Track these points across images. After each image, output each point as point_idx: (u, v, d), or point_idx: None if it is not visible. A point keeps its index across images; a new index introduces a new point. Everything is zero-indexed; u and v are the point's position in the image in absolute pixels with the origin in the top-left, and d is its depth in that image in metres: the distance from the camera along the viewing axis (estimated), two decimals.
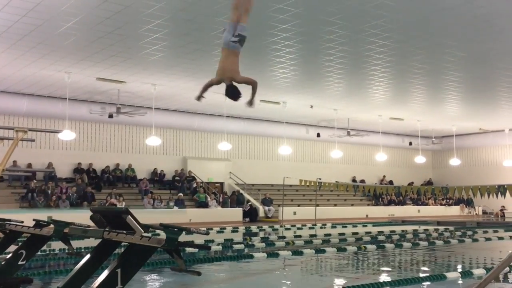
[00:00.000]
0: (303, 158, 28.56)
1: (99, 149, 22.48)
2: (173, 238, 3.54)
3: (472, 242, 13.53)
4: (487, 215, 29.37)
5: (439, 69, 16.07)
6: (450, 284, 7.06)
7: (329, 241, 13.28)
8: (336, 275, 7.59)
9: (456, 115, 24.20)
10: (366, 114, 23.62)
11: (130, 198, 21.21)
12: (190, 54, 14.44)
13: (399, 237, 14.75)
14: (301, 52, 14.24)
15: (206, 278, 7.24)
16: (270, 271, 8.57)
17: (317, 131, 26.68)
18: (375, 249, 11.43)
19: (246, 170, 25.95)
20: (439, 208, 29.73)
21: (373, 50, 13.99)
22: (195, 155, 25.05)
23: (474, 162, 31.90)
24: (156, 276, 7.88)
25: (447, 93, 19.47)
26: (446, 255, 11.37)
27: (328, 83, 17.90)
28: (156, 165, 23.75)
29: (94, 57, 14.71)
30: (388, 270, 8.71)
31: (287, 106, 21.47)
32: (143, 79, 17.33)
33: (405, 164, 32.50)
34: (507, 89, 18.70)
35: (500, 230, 17.12)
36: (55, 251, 10.14)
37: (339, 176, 27.67)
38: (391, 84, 18.08)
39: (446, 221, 22.15)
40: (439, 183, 30.60)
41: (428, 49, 14.10)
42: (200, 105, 21.92)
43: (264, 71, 16.29)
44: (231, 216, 21.81)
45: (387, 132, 28.55)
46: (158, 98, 19.75)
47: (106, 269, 3.63)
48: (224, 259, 9.52)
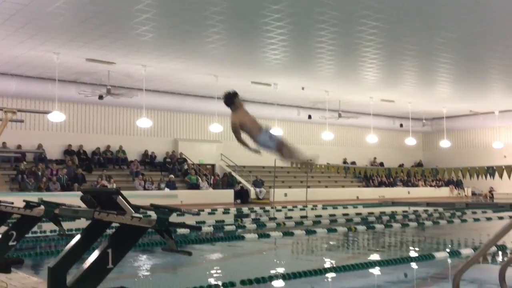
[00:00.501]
0: (294, 140, 28.50)
1: (89, 130, 22.36)
2: (164, 218, 3.54)
3: (461, 222, 13.69)
4: (476, 197, 29.67)
5: (431, 50, 16.06)
6: (438, 263, 7.16)
7: (319, 222, 13.37)
8: (327, 256, 7.67)
9: (447, 97, 24.28)
10: (357, 96, 23.62)
11: (121, 180, 21.18)
12: (180, 35, 14.30)
13: (389, 218, 14.89)
14: (293, 33, 14.16)
15: (197, 259, 7.28)
16: (261, 251, 8.63)
17: (308, 113, 26.67)
18: (365, 230, 11.54)
19: (237, 152, 25.85)
20: (428, 189, 29.98)
21: (364, 32, 13.93)
22: (186, 137, 25.00)
23: (464, 144, 32.11)
24: (147, 256, 7.91)
25: (438, 74, 19.49)
26: (435, 235, 11.50)
27: (320, 65, 17.85)
28: (147, 147, 23.69)
29: (83, 38, 14.54)
30: (378, 250, 8.80)
31: (278, 88, 21.42)
32: (133, 60, 17.18)
33: (395, 146, 32.65)
34: (498, 71, 18.75)
35: (488, 211, 17.32)
36: (46, 233, 10.14)
37: (330, 158, 27.73)
38: (383, 65, 18.06)
39: (436, 202, 22.35)
40: (429, 165, 30.80)
41: (420, 31, 14.07)
42: (191, 87, 21.84)
43: (255, 52, 16.20)
44: (223, 198, 21.88)
45: (378, 114, 28.60)
46: (149, 80, 19.61)
47: (97, 249, 3.63)
48: (215, 240, 9.56)
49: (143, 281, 6.04)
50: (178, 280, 6.07)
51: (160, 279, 6.20)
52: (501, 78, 20.13)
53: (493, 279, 5.10)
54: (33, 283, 5.15)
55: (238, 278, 5.89)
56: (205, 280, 6.00)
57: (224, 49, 15.78)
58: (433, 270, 6.83)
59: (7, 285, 4.91)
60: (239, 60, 17.30)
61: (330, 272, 6.29)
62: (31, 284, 5.11)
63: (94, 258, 3.55)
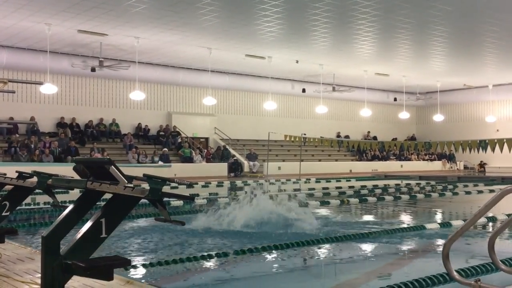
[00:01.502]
0: (288, 114, 28.58)
1: (82, 103, 22.22)
2: (157, 188, 3.54)
3: (453, 195, 13.84)
4: (468, 170, 29.91)
5: (425, 23, 15.95)
6: (429, 234, 7.25)
7: (313, 195, 13.46)
8: (319, 227, 7.73)
9: (441, 71, 24.23)
10: (352, 69, 23.54)
11: (114, 153, 21.15)
12: (173, 6, 14.11)
13: (381, 191, 15.01)
14: (287, 5, 14.00)
15: (190, 229, 7.33)
16: (253, 223, 8.69)
17: (302, 86, 26.58)
18: (358, 203, 11.64)
19: (231, 126, 25.94)
20: (421, 163, 30.18)
21: (359, 4, 13.80)
22: (179, 110, 24.91)
23: (457, 118, 32.21)
24: (140, 226, 7.96)
25: (432, 48, 19.41)
26: (427, 208, 11.62)
27: (314, 38, 17.71)
28: (141, 120, 23.61)
29: (75, 8, 14.31)
30: (370, 222, 8.89)
31: (273, 61, 21.28)
32: (125, 32, 16.98)
33: (389, 120, 32.72)
34: (492, 44, 18.69)
35: (480, 184, 17.49)
36: (39, 204, 10.16)
37: (324, 131, 27.79)
38: (377, 39, 17.95)
39: (428, 176, 22.53)
40: (422, 139, 30.93)
41: (414, 3, 13.94)
42: (185, 60, 21.67)
43: (249, 24, 16.04)
44: (216, 171, 21.94)
45: (372, 88, 28.57)
46: (142, 52, 19.42)
47: (90, 219, 3.64)
48: (209, 211, 9.61)
49: (137, 250, 6.09)
50: (172, 250, 6.12)
51: (154, 249, 6.25)
52: (496, 52, 20.08)
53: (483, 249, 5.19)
54: (27, 253, 5.19)
55: (232, 249, 5.95)
56: (199, 250, 6.05)
57: (218, 21, 15.61)
58: (425, 241, 6.92)
59: (1, 255, 4.94)
60: (232, 33, 17.13)
61: (322, 243, 6.35)
62: (25, 254, 5.14)
63: (87, 227, 3.56)
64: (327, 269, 5.34)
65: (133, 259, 5.37)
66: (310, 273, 4.99)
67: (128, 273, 4.60)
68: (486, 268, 4.61)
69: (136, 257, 5.64)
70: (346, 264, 5.50)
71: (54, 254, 3.43)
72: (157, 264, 5.09)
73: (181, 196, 4.06)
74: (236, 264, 5.41)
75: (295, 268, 5.43)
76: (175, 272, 4.96)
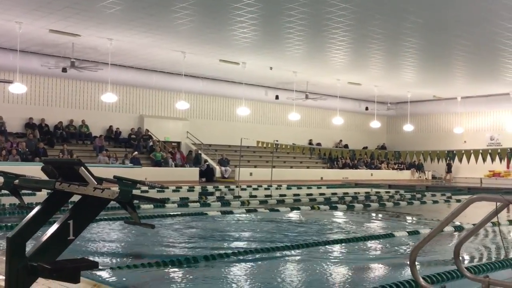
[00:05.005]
0: (261, 120, 28.67)
1: (52, 104, 21.83)
2: (127, 190, 3.50)
3: (421, 204, 14.07)
4: (436, 180, 30.47)
5: (397, 35, 16.24)
6: (398, 242, 7.35)
7: (283, 202, 13.51)
8: (288, 233, 7.77)
9: (411, 82, 24.68)
10: (325, 78, 23.77)
11: (84, 156, 20.82)
12: (148, 8, 14.02)
13: (351, 199, 15.15)
14: (262, 11, 14.06)
15: (159, 232, 7.27)
16: (224, 227, 8.68)
17: (276, 93, 26.71)
18: (328, 209, 11.72)
19: (203, 130, 25.87)
20: (391, 172, 30.61)
21: (333, 13, 13.96)
22: (152, 114, 24.73)
23: (427, 128, 32.81)
24: (109, 229, 7.85)
25: (404, 59, 19.76)
26: (396, 216, 11.78)
27: (288, 45, 17.83)
28: (112, 122, 23.34)
29: (47, 7, 14.09)
30: (339, 229, 8.96)
31: (247, 67, 21.34)
32: (99, 33, 16.78)
33: (360, 129, 33.12)
34: (462, 57, 19.14)
35: (447, 194, 17.83)
36: (5, 206, 9.92)
37: (296, 138, 27.95)
38: (350, 48, 18.18)
39: (397, 185, 22.86)
40: (392, 148, 31.41)
41: (387, 15, 14.18)
42: (158, 63, 21.55)
43: (224, 30, 16.06)
44: (188, 176, 21.82)
45: (345, 97, 28.89)
46: (115, 54, 19.22)
47: (58, 221, 3.57)
48: (178, 216, 9.56)
49: (105, 253, 6.00)
50: (141, 254, 6.06)
51: (122, 252, 6.17)
52: (465, 65, 20.57)
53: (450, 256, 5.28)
54: None
55: (201, 254, 5.92)
56: (168, 255, 6.00)
57: (193, 26, 15.58)
58: (393, 248, 7.01)
59: None
60: (207, 37, 17.12)
61: (289, 250, 6.37)
62: None
63: (54, 229, 3.49)
64: (294, 276, 5.35)
65: (101, 261, 5.28)
66: (276, 280, 5.00)
67: (95, 276, 4.52)
68: (451, 275, 4.70)
69: (104, 260, 5.55)
70: (313, 271, 5.52)
71: (19, 256, 3.35)
72: (125, 267, 5.03)
73: (152, 199, 4.03)
74: (205, 269, 5.38)
75: (261, 274, 5.43)
76: (143, 275, 4.90)
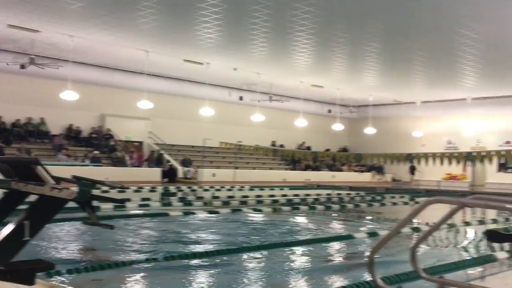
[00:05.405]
0: (225, 121, 28.59)
1: (9, 101, 21.18)
2: (86, 190, 3.45)
3: (381, 206, 14.32)
4: (396, 182, 31.07)
5: (360, 39, 16.50)
6: (357, 243, 7.46)
7: (246, 203, 13.51)
8: (250, 234, 7.78)
9: (373, 86, 25.11)
10: (289, 79, 23.92)
11: (42, 154, 20.29)
12: (110, 6, 13.80)
13: (313, 200, 15.29)
14: (226, 12, 14.05)
15: (119, 233, 7.16)
16: (186, 228, 8.62)
17: (239, 94, 26.70)
18: (290, 211, 11.80)
19: (166, 130, 25.63)
20: (352, 174, 31.04)
21: (297, 16, 14.07)
22: (114, 113, 24.33)
23: (387, 131, 33.37)
24: (67, 230, 7.69)
25: (366, 63, 20.09)
26: (356, 217, 11.96)
27: (253, 47, 17.87)
28: (72, 121, 22.85)
29: (5, 1, 13.69)
30: (301, 231, 9.04)
31: (211, 68, 21.26)
32: (59, 30, 16.41)
33: (323, 131, 33.43)
34: (421, 62, 19.60)
35: (406, 196, 18.20)
36: None
37: (260, 140, 28.02)
38: (314, 51, 18.36)
39: (358, 187, 23.20)
40: (354, 151, 31.85)
41: (350, 19, 14.40)
42: (121, 61, 21.24)
43: (188, 30, 15.96)
44: (150, 176, 21.57)
45: (308, 99, 29.12)
46: (76, 51, 18.82)
47: (13, 221, 3.49)
48: (139, 216, 9.44)
49: (62, 255, 5.87)
50: (99, 255, 5.95)
51: (80, 254, 6.05)
52: (424, 70, 21.07)
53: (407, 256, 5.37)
54: None
55: (162, 255, 5.86)
56: (128, 256, 5.92)
57: (156, 24, 15.43)
58: (352, 249, 7.12)
59: None
60: (171, 37, 16.98)
61: (251, 251, 6.39)
62: None
63: (9, 229, 3.40)
64: (254, 278, 5.37)
65: (58, 263, 5.17)
66: (236, 282, 5.01)
67: (51, 277, 4.42)
68: (408, 275, 4.80)
69: (61, 262, 5.43)
70: (274, 273, 5.55)
71: None
72: (83, 269, 4.93)
73: (111, 199, 3.98)
74: (165, 270, 5.33)
75: (222, 276, 5.42)
76: (101, 277, 4.82)
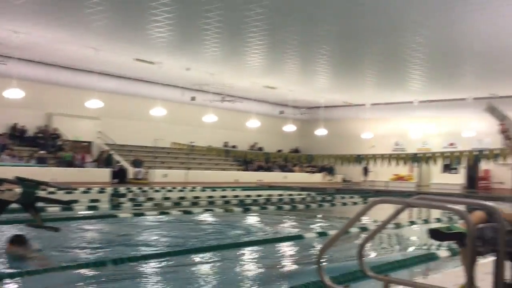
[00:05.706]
0: (177, 121, 28.31)
1: None
2: (30, 192, 3.34)
3: (331, 206, 14.56)
4: (346, 183, 31.66)
5: (311, 42, 16.71)
6: (307, 243, 7.55)
7: (197, 204, 13.44)
8: (201, 235, 7.74)
9: (324, 88, 25.48)
10: (241, 80, 23.95)
11: None
12: (58, 2, 13.43)
13: (265, 201, 15.37)
14: (178, 12, 13.92)
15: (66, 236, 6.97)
16: (135, 230, 8.49)
17: (192, 94, 26.52)
18: (241, 212, 11.82)
19: (117, 130, 25.14)
20: (303, 175, 31.42)
21: (250, 17, 14.10)
22: (61, 112, 23.64)
23: (338, 133, 33.93)
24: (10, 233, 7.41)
25: (317, 65, 20.36)
26: (307, 217, 12.10)
27: (205, 47, 17.78)
28: (16, 120, 22.07)
29: None
30: (252, 231, 9.07)
31: (163, 67, 21.01)
32: (3, 25, 15.79)
33: (275, 132, 33.66)
34: (371, 65, 20.07)
35: (355, 196, 18.58)
36: None
37: (212, 140, 27.94)
38: (267, 52, 18.45)
39: (309, 187, 23.50)
40: (305, 152, 32.22)
41: (302, 21, 14.55)
42: (69, 59, 20.69)
43: (139, 29, 15.72)
44: (99, 177, 21.12)
45: (260, 100, 29.28)
46: (21, 48, 18.15)
47: None
48: (87, 218, 9.22)
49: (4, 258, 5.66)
50: (44, 259, 5.77)
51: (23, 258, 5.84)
52: (374, 73, 21.58)
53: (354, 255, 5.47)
54: None
55: (110, 257, 5.75)
56: (75, 259, 5.77)
57: (107, 22, 15.11)
58: (302, 249, 7.20)
59: None
60: (122, 35, 16.67)
61: (201, 252, 6.36)
62: None
63: None
64: (205, 278, 5.34)
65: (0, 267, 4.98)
66: (187, 282, 4.97)
67: None
68: (355, 274, 4.89)
69: (4, 265, 5.23)
70: (224, 273, 5.55)
71: None
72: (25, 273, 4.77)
73: (57, 201, 3.87)
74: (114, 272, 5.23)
75: (173, 277, 5.37)
76: (46, 280, 4.67)
